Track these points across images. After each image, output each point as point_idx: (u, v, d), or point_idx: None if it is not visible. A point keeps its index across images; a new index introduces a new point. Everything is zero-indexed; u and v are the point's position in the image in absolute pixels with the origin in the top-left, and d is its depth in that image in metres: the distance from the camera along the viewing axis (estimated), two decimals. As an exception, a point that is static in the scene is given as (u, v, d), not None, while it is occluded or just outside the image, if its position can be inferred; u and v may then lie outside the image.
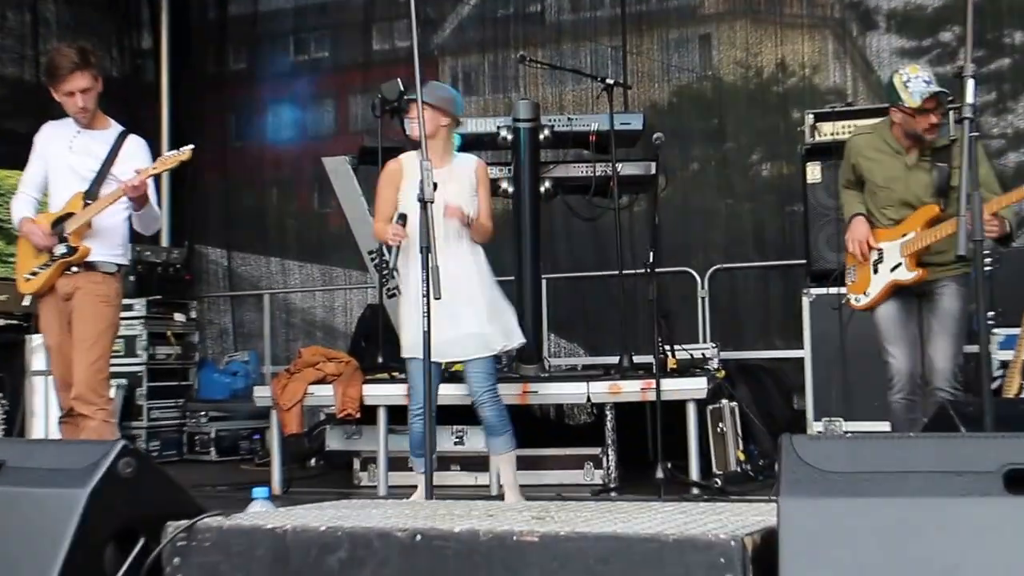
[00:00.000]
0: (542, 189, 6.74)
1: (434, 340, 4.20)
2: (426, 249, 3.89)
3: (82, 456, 2.81)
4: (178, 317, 8.73)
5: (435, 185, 4.03)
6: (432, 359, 4.78)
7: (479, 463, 6.30)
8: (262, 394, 6.59)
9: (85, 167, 5.01)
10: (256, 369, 9.09)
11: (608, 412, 6.17)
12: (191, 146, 4.90)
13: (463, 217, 5.08)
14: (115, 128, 5.16)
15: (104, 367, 4.95)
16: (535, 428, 6.75)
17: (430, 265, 3.92)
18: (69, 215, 4.97)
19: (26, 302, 5.12)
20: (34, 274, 4.98)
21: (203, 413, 8.54)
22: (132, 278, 8.46)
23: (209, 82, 10.11)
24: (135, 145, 5.12)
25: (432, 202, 4.03)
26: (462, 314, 5.06)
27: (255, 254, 9.78)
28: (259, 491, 3.19)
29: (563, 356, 8.53)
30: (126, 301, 8.29)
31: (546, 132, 6.67)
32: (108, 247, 5.05)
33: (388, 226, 5.02)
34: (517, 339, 5.32)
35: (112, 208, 4.97)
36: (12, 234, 5.92)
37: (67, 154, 5.04)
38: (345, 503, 3.32)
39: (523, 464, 5.56)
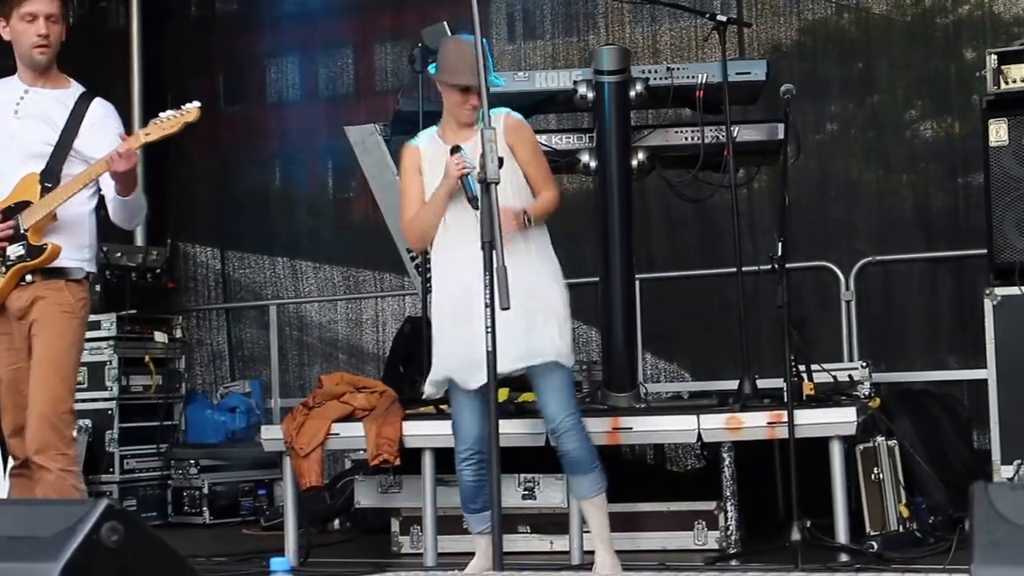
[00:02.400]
0: (633, 163, 6.73)
1: (474, 358, 4.24)
2: (489, 245, 3.92)
3: (54, 520, 2.86)
4: (159, 337, 8.84)
5: (501, 160, 4.06)
6: (475, 386, 4.87)
7: (555, 523, 6.32)
8: (271, 436, 6.65)
9: (38, 138, 4.99)
10: (261, 403, 9.18)
11: (725, 454, 6.16)
12: (197, 103, 4.89)
13: (518, 222, 5.13)
14: (75, 88, 5.14)
15: (68, 397, 4.99)
16: (628, 476, 6.76)
17: (495, 265, 3.94)
18: (23, 204, 4.97)
19: None
20: None
21: (192, 462, 8.63)
22: (99, 288, 8.57)
23: (192, 29, 10.23)
24: (102, 109, 5.12)
25: (497, 182, 4.06)
26: (513, 320, 5.07)
27: (257, 254, 9.88)
28: (278, 562, 3.25)
29: (663, 380, 8.53)
30: (91, 318, 8.44)
31: (638, 87, 6.66)
32: (73, 247, 5.05)
33: (448, 160, 5.08)
34: (542, 356, 5.30)
35: (77, 196, 4.97)
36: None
37: (11, 120, 5.02)
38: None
39: (614, 523, 5.57)
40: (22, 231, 4.95)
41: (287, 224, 9.79)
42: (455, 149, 5.09)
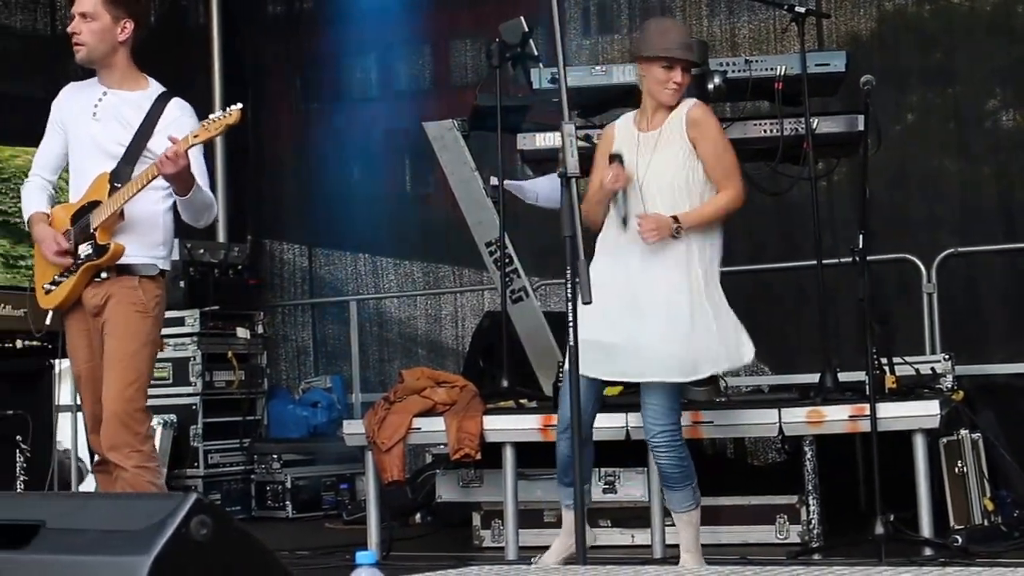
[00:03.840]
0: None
1: (605, 351, 4.25)
2: (571, 239, 3.92)
3: (143, 514, 2.89)
4: (241, 333, 8.91)
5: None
6: (594, 374, 4.87)
7: (636, 517, 6.32)
8: (353, 430, 6.69)
9: (113, 139, 5.04)
10: (342, 398, 9.23)
11: (807, 448, 6.12)
12: (238, 105, 4.87)
13: (662, 234, 5.09)
14: (154, 88, 5.17)
15: (140, 396, 5.00)
16: (708, 470, 6.73)
17: (577, 260, 3.94)
18: (94, 204, 5.01)
19: (49, 319, 5.20)
20: (55, 284, 5.06)
21: (275, 457, 8.70)
22: (182, 284, 8.67)
23: (272, 26, 10.30)
24: (178, 111, 5.11)
25: (577, 177, 4.06)
26: (649, 322, 5.10)
27: (337, 250, 9.92)
28: (364, 556, 3.25)
29: (743, 374, 8.48)
30: (175, 314, 8.57)
31: (715, 80, 6.61)
32: (146, 245, 5.07)
33: (606, 170, 5.09)
34: (712, 368, 5.34)
35: (150, 195, 5.00)
36: (21, 230, 6.12)
37: (90, 123, 5.08)
38: (469, 572, 3.35)
39: (695, 517, 5.56)
40: (92, 230, 4.98)
41: (367, 220, 9.80)
42: (613, 157, 5.06)
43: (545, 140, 6.70)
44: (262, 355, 9.12)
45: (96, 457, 5.11)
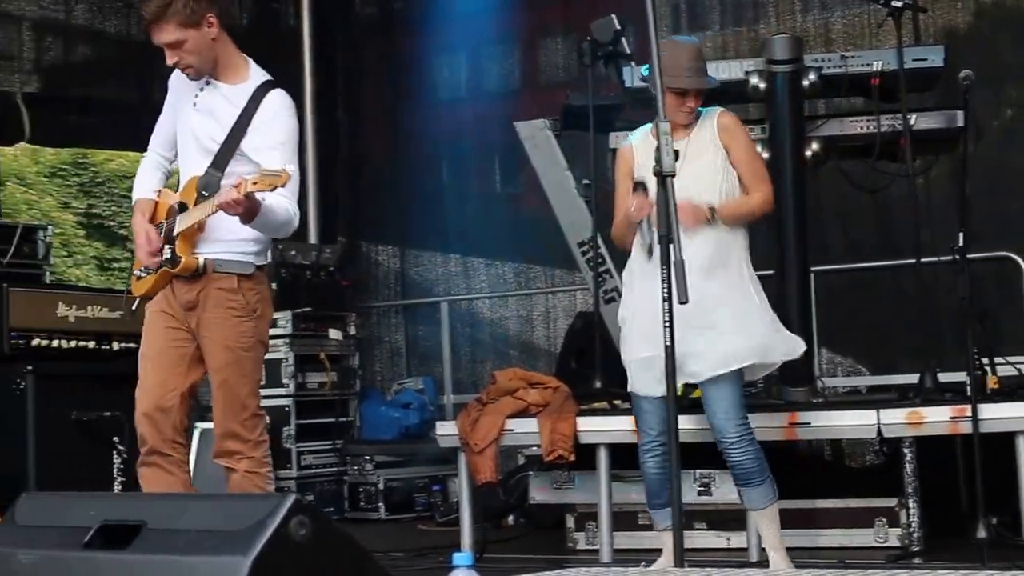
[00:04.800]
0: (807, 153, 6.69)
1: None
2: (666, 239, 3.91)
3: (243, 515, 2.93)
4: (333, 334, 8.97)
5: (676, 153, 4.06)
6: (660, 392, 4.87)
7: (732, 520, 6.29)
8: (446, 432, 6.72)
9: (207, 135, 4.92)
10: (434, 399, 9.28)
11: (906, 450, 6.07)
12: (293, 167, 4.71)
13: (698, 218, 5.11)
14: (255, 79, 4.96)
15: (252, 402, 4.94)
16: (804, 472, 6.70)
17: (672, 259, 3.93)
18: (184, 207, 4.91)
19: (136, 304, 5.07)
20: (147, 271, 4.98)
21: (368, 458, 8.76)
22: (274, 285, 8.73)
23: (362, 28, 10.37)
24: (276, 106, 4.90)
25: (673, 175, 4.06)
26: (702, 321, 5.07)
27: (429, 251, 9.97)
28: (461, 557, 3.27)
29: (839, 375, 8.42)
30: (267, 315, 8.66)
31: (811, 77, 6.60)
32: (237, 242, 4.92)
33: (627, 199, 5.11)
34: (778, 354, 5.33)
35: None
36: (115, 233, 6.17)
37: (191, 114, 4.96)
38: (565, 575, 3.36)
39: (791, 520, 5.53)
40: (174, 235, 4.89)
41: (459, 221, 9.85)
42: (638, 186, 5.06)
43: (638, 139, 6.69)
44: (354, 356, 9.18)
45: (147, 445, 4.88)
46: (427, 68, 10.14)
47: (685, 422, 5.42)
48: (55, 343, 6.77)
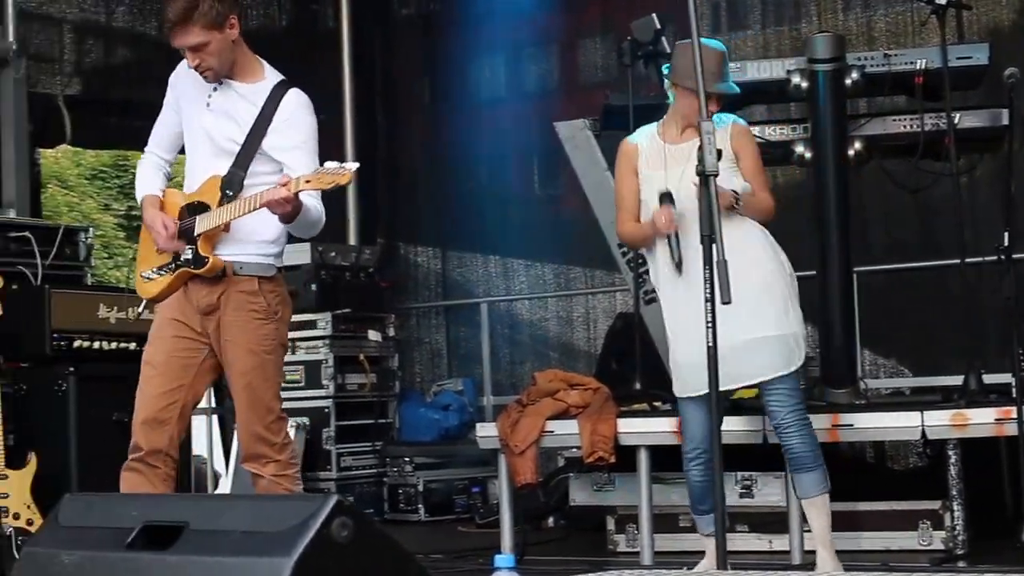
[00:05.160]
0: (850, 152, 6.66)
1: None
2: (709, 239, 3.90)
3: (285, 516, 2.93)
4: (373, 336, 8.99)
5: (720, 153, 4.05)
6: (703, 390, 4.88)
7: (774, 522, 6.27)
8: (486, 433, 6.72)
9: (225, 135, 4.85)
10: (473, 401, 9.27)
11: (950, 452, 6.02)
12: (355, 165, 4.63)
13: (725, 201, 5.04)
14: (270, 79, 4.91)
15: (276, 405, 4.89)
16: (848, 474, 6.66)
17: (715, 259, 3.92)
18: (203, 206, 4.84)
19: (143, 308, 5.08)
20: (156, 274, 4.90)
21: (407, 460, 8.77)
22: (314, 287, 8.77)
23: (401, 30, 10.38)
24: (294, 106, 4.85)
25: (716, 175, 4.05)
26: (753, 319, 5.08)
27: (469, 252, 9.97)
28: (503, 559, 3.27)
29: (882, 376, 8.38)
30: (306, 317, 8.69)
31: (854, 75, 6.57)
32: (259, 244, 4.90)
33: (657, 212, 5.08)
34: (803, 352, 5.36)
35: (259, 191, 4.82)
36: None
37: (204, 113, 4.88)
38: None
39: (834, 522, 5.50)
40: (195, 235, 4.81)
41: (498, 222, 9.84)
42: (664, 198, 5.07)
43: (679, 139, 6.67)
44: (393, 358, 9.19)
45: (140, 452, 4.77)
46: (466, 69, 10.15)
47: (726, 424, 5.41)
48: (96, 345, 6.79)
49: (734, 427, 5.55)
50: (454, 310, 10.04)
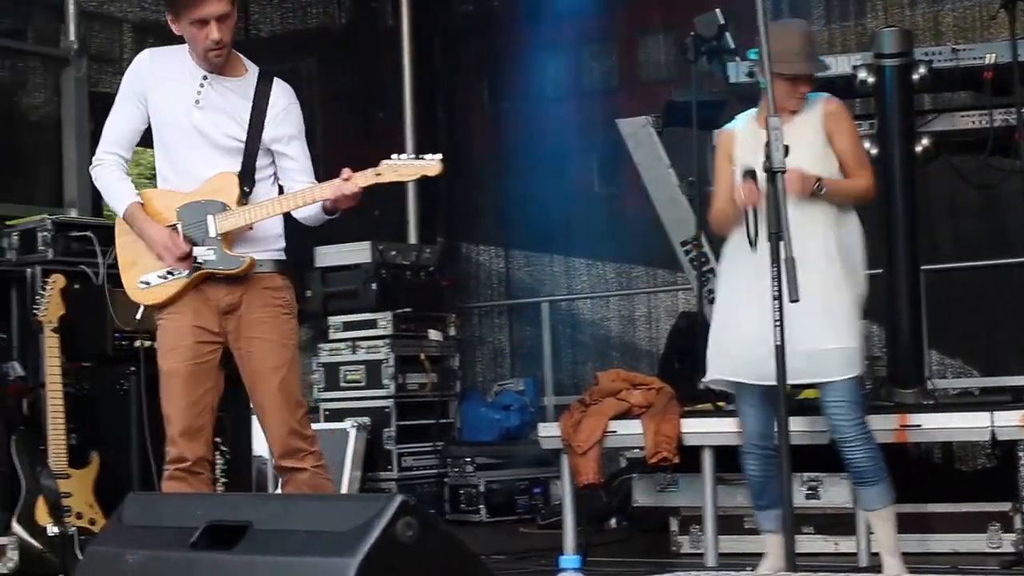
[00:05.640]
0: (918, 149, 6.60)
1: (766, 356, 4.20)
2: (776, 236, 3.87)
3: (349, 516, 2.94)
4: (433, 335, 9.00)
5: (787, 149, 4.02)
6: (766, 382, 4.84)
7: (840, 524, 6.23)
8: (548, 433, 6.71)
9: (223, 132, 4.76)
10: (535, 401, 9.27)
11: (1021, 453, 5.96)
12: (439, 156, 4.66)
13: (805, 186, 5.04)
14: (252, 72, 4.85)
15: (303, 399, 4.93)
16: (915, 475, 6.61)
17: (783, 256, 3.89)
18: (216, 204, 4.74)
19: (141, 314, 4.96)
20: (160, 280, 4.77)
21: (468, 460, 8.78)
22: (374, 286, 8.80)
23: (461, 27, 10.40)
24: (285, 98, 4.84)
25: (784, 171, 4.02)
26: (815, 320, 5.03)
27: (529, 251, 9.98)
28: (568, 560, 3.26)
29: (950, 376, 8.31)
30: (367, 316, 8.74)
31: (921, 70, 6.51)
32: (272, 238, 4.87)
33: (738, 187, 5.03)
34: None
35: (265, 185, 4.81)
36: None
37: (192, 111, 4.75)
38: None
39: (901, 525, 5.46)
40: (213, 235, 4.73)
41: (559, 221, 9.83)
42: (747, 174, 4.98)
43: (743, 136, 6.64)
44: (454, 357, 9.20)
45: (185, 463, 4.72)
46: (526, 66, 10.13)
47: (793, 424, 5.36)
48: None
49: (799, 427, 5.50)
50: (515, 309, 10.05)
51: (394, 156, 4.66)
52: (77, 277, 6.65)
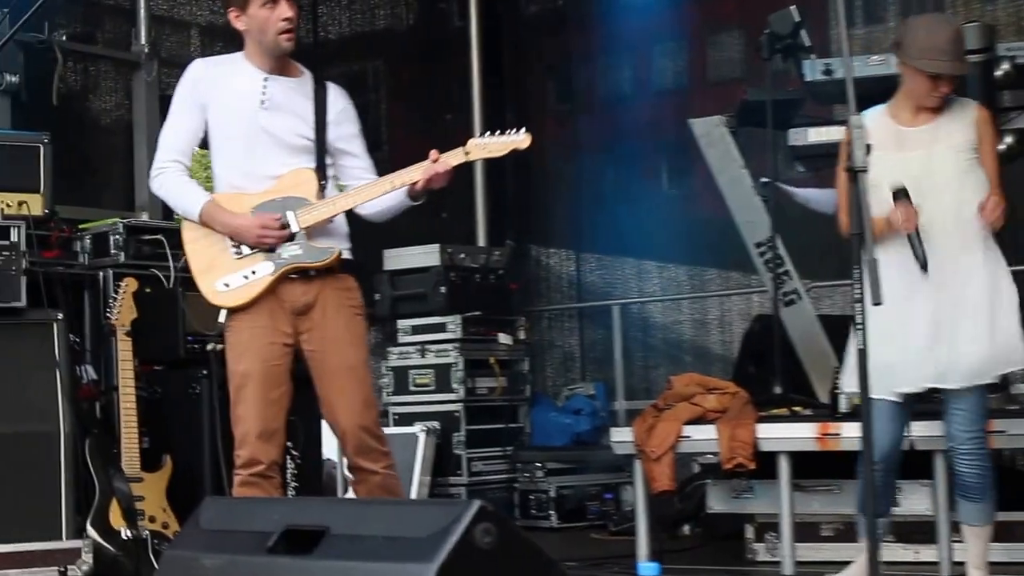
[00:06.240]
0: (1000, 147, 6.50)
1: (917, 362, 4.35)
2: (859, 236, 3.85)
3: (427, 521, 2.94)
4: (503, 339, 9.00)
5: (868, 147, 3.98)
6: (899, 389, 4.90)
7: (921, 532, 6.18)
8: (621, 438, 6.69)
9: (292, 131, 4.86)
10: (605, 405, 9.25)
11: (1108, 459, 5.89)
12: (524, 130, 4.75)
13: (996, 212, 4.95)
14: (306, 74, 4.99)
15: (374, 397, 5.02)
16: (997, 482, 6.53)
17: (865, 257, 3.87)
18: (294, 200, 4.82)
19: (223, 317, 4.95)
20: (242, 280, 4.82)
21: (539, 465, 8.76)
22: (443, 289, 8.81)
23: (530, 27, 10.41)
24: (343, 99, 5.00)
25: (865, 171, 3.99)
26: (962, 328, 5.00)
27: (599, 253, 9.96)
28: (647, 568, 3.26)
29: (1033, 382, 8.20)
30: (437, 320, 8.76)
31: (1004, 66, 6.45)
32: (344, 238, 4.97)
33: (893, 211, 4.91)
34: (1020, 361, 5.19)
35: (330, 184, 4.92)
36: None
37: (258, 111, 4.84)
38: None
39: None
40: (296, 229, 4.80)
41: (630, 222, 9.80)
42: (899, 194, 4.90)
43: (819, 135, 6.59)
44: (524, 361, 9.19)
45: (258, 466, 4.79)
46: (596, 65, 10.14)
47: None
48: (230, 347, 6.89)
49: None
50: (586, 313, 10.03)
51: (484, 136, 4.75)
52: (149, 280, 6.70)
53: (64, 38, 7.96)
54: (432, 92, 10.38)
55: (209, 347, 6.51)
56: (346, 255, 4.92)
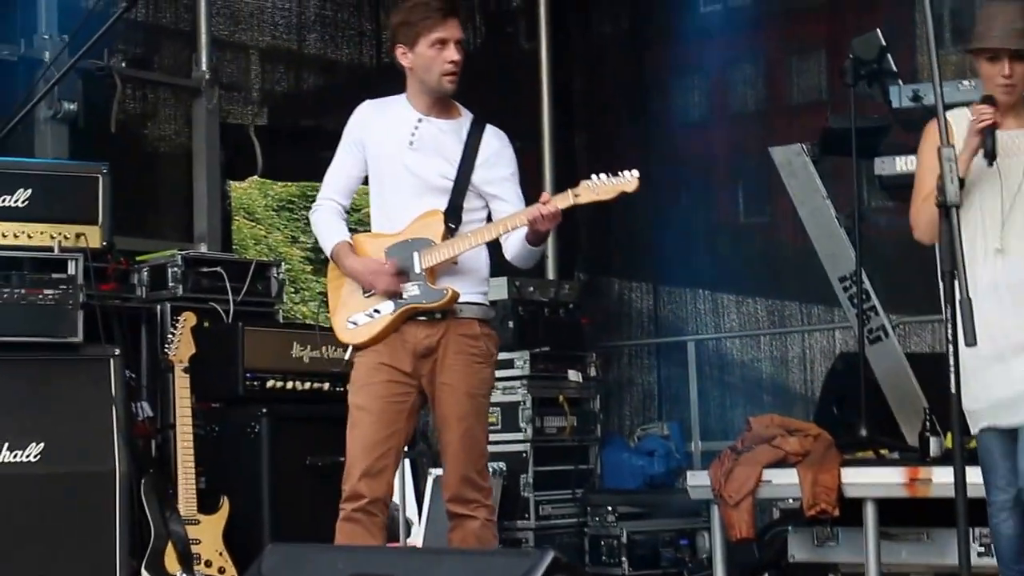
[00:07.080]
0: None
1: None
2: (951, 275, 3.82)
3: (499, 572, 2.96)
4: (573, 376, 8.96)
5: (962, 182, 3.97)
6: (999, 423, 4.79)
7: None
8: (697, 482, 6.68)
9: (434, 171, 5.03)
10: (680, 446, 9.20)
11: None
12: (636, 173, 4.87)
13: None
14: (466, 116, 5.15)
15: (486, 448, 5.10)
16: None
17: (958, 298, 3.84)
18: (422, 241, 4.98)
19: (349, 354, 5.12)
20: (367, 318, 5.02)
21: (610, 509, 8.70)
22: (511, 324, 8.80)
23: (600, 49, 10.43)
24: (497, 141, 5.14)
25: (958, 207, 3.96)
26: None
27: (674, 286, 9.93)
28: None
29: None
30: (503, 356, 8.66)
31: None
32: (476, 282, 5.10)
33: (973, 108, 4.73)
34: None
35: (473, 228, 5.03)
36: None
37: (406, 151, 5.04)
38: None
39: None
40: (418, 271, 4.97)
41: (706, 254, 9.79)
42: (985, 99, 4.70)
43: (906, 164, 6.55)
44: (595, 399, 9.14)
45: (361, 501, 4.90)
46: (670, 89, 10.14)
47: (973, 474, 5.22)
48: (290, 385, 6.93)
49: (973, 478, 5.36)
50: (660, 349, 10.00)
51: (593, 176, 4.86)
52: (207, 314, 6.76)
53: (123, 64, 8.03)
54: (500, 116, 10.35)
55: (269, 384, 6.57)
56: (474, 298, 5.06)
